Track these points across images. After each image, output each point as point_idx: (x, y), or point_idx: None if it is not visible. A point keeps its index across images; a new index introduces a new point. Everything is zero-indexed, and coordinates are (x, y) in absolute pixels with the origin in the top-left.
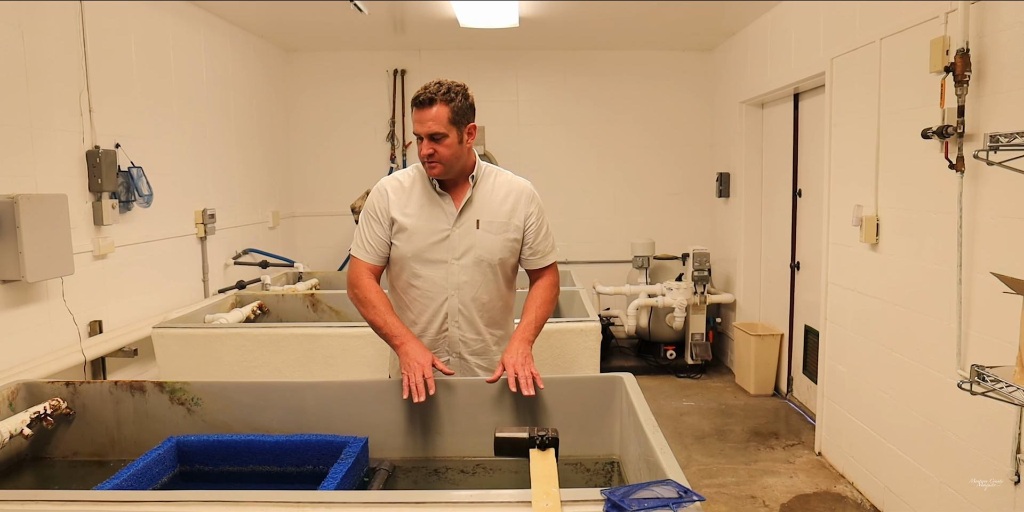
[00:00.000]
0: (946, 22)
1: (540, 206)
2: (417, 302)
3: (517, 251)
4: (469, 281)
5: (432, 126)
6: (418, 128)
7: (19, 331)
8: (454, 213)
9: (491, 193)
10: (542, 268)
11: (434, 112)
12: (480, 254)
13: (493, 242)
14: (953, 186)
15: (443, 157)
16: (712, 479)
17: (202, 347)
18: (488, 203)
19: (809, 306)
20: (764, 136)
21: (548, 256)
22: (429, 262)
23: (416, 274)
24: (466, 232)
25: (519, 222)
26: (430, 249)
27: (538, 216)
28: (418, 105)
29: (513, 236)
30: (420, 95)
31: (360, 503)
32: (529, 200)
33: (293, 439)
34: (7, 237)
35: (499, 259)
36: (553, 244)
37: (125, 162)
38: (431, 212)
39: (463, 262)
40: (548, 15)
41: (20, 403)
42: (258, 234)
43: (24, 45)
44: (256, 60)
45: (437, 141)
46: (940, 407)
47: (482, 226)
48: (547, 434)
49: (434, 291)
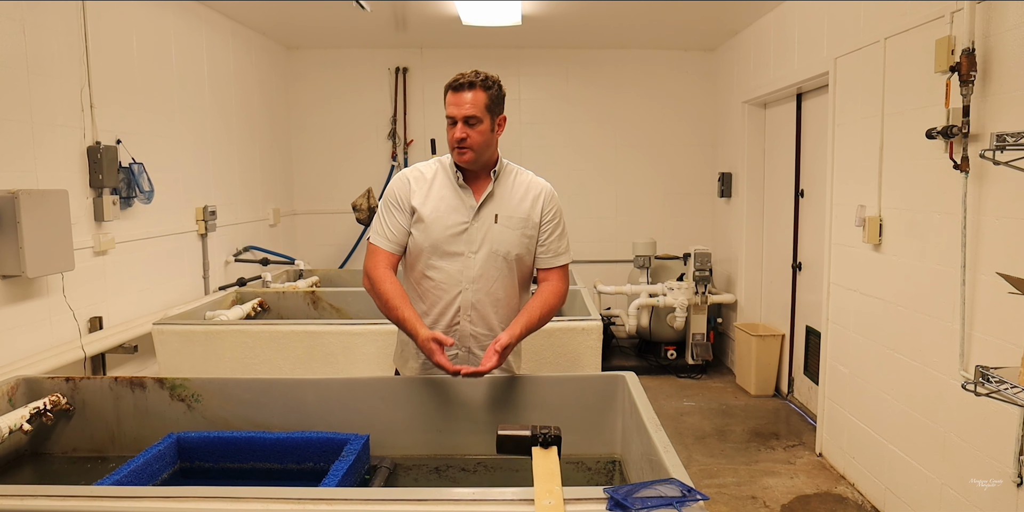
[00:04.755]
0: (951, 22)
1: (559, 207)
2: (431, 293)
3: (533, 249)
4: (484, 275)
5: (469, 109)
6: (453, 111)
7: (19, 327)
8: (474, 206)
9: (511, 189)
10: (552, 269)
11: (472, 96)
12: (496, 248)
13: (510, 237)
14: (957, 186)
15: (475, 143)
16: (713, 479)
17: (203, 344)
18: (508, 199)
19: (811, 307)
20: (766, 136)
21: (560, 257)
22: (446, 254)
23: (432, 266)
24: (484, 226)
25: (536, 219)
26: (448, 241)
27: (556, 215)
28: (456, 88)
29: (530, 233)
30: (459, 79)
31: (362, 500)
32: (549, 198)
33: (294, 436)
34: (8, 232)
35: (515, 255)
36: (567, 246)
37: (126, 158)
38: (451, 204)
39: (479, 255)
40: (551, 14)
41: (20, 398)
42: (259, 231)
43: (25, 40)
44: (257, 57)
45: (471, 126)
46: (942, 408)
47: (500, 220)
48: (550, 432)
49: (449, 283)
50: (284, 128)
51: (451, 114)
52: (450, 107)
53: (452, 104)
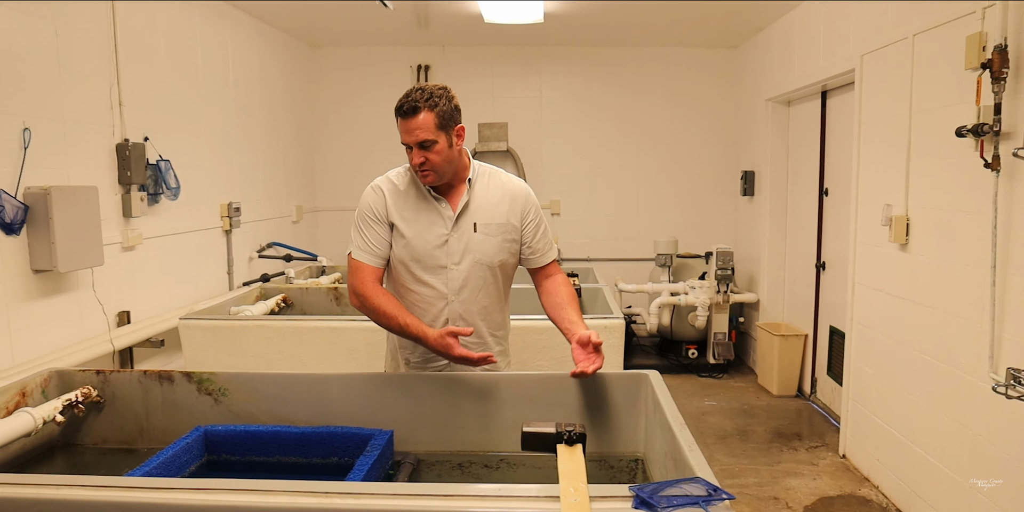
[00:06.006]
0: (983, 18)
1: (536, 205)
2: (416, 307)
3: (516, 252)
4: (468, 285)
5: (420, 134)
6: (406, 138)
7: (51, 320)
8: (452, 217)
9: (487, 194)
10: (548, 265)
11: (420, 120)
12: (478, 257)
13: (491, 245)
14: (988, 185)
15: (435, 164)
16: (734, 479)
17: (228, 339)
18: (485, 205)
19: (835, 307)
20: (790, 134)
21: (548, 253)
22: (428, 268)
23: (415, 279)
24: (464, 236)
25: (516, 222)
26: (429, 255)
27: (535, 214)
28: (402, 114)
29: (511, 237)
30: (403, 104)
31: (389, 494)
32: (525, 200)
33: (319, 431)
34: (40, 228)
35: (499, 261)
36: (552, 242)
37: (153, 155)
38: (429, 217)
39: (462, 266)
40: (573, 11)
41: (52, 390)
42: (282, 228)
43: (58, 40)
44: (281, 55)
45: (427, 149)
46: (970, 411)
47: (480, 229)
48: (575, 429)
49: (434, 296)
50: (307, 125)
51: (404, 141)
52: (402, 135)
53: (403, 131)
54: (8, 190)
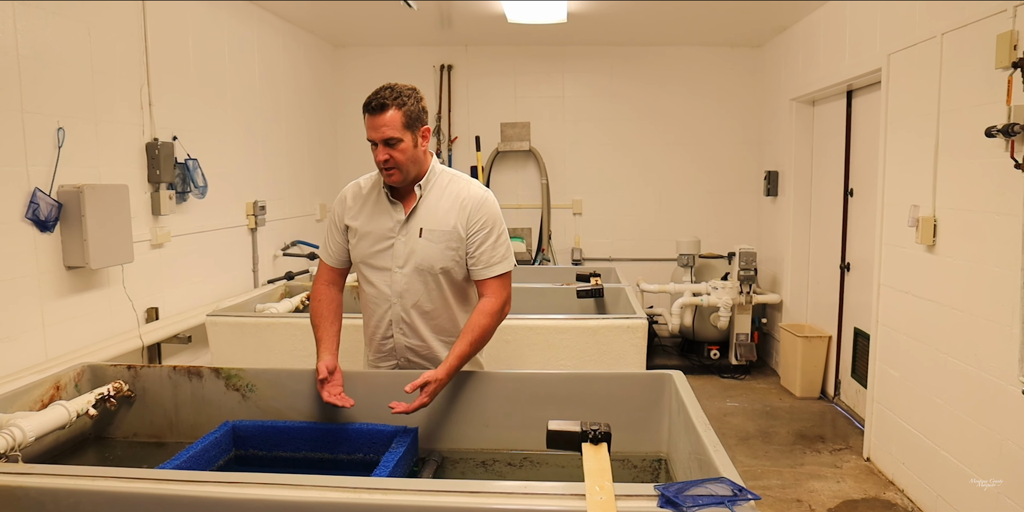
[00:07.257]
0: (1014, 16)
1: (491, 215)
2: (368, 305)
3: (462, 261)
4: (410, 290)
5: (386, 131)
6: (372, 134)
7: (83, 315)
8: (401, 221)
9: (438, 201)
10: (486, 281)
11: (388, 117)
12: (420, 263)
13: (433, 251)
14: (1018, 186)
15: (399, 162)
16: (757, 481)
17: (254, 335)
18: (434, 211)
19: (859, 308)
20: (815, 134)
21: (493, 267)
22: (374, 269)
23: (365, 279)
24: (409, 240)
25: (462, 231)
26: (375, 256)
27: (485, 224)
28: (370, 111)
29: (455, 245)
30: (371, 100)
31: (416, 490)
32: (477, 208)
33: (345, 427)
34: (73, 225)
35: (440, 268)
36: (503, 256)
37: (182, 154)
38: (380, 220)
39: (405, 270)
40: (596, 11)
41: (85, 384)
42: (306, 226)
43: (91, 41)
44: (306, 55)
45: (392, 146)
46: (999, 415)
47: (424, 234)
48: (600, 428)
49: (380, 297)
50: (330, 124)
51: (370, 138)
52: (369, 131)
53: (370, 127)
54: (43, 188)
